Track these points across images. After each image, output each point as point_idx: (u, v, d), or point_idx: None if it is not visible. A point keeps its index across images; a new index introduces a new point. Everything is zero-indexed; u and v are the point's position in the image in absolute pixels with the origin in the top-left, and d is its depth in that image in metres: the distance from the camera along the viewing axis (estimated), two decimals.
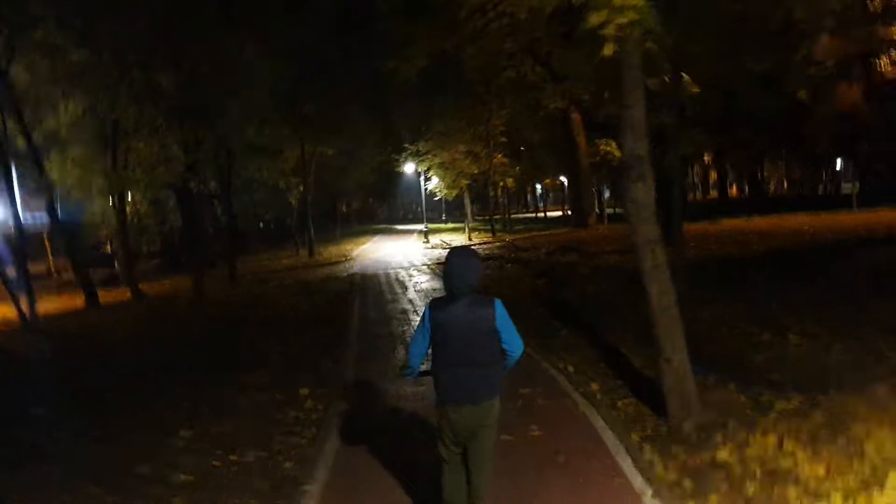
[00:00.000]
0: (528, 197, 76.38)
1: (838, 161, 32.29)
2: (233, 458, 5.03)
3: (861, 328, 6.92)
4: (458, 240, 29.27)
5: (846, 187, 37.90)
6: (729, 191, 53.20)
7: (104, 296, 19.68)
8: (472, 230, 30.12)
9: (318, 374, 7.49)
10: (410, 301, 12.49)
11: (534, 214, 55.35)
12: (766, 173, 52.17)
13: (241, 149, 19.53)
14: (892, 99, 25.85)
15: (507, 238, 26.66)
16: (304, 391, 6.79)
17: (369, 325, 10.47)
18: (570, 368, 7.17)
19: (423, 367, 3.52)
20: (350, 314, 11.42)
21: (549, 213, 48.81)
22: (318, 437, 5.48)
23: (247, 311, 12.06)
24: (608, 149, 27.60)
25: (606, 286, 12.03)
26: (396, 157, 31.56)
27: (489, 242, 26.11)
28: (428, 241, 29.90)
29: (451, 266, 3.31)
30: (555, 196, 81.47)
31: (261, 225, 57.06)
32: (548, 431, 5.21)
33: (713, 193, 54.39)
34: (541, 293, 12.58)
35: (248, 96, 16.10)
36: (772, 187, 57.93)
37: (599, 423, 5.34)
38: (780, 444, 4.41)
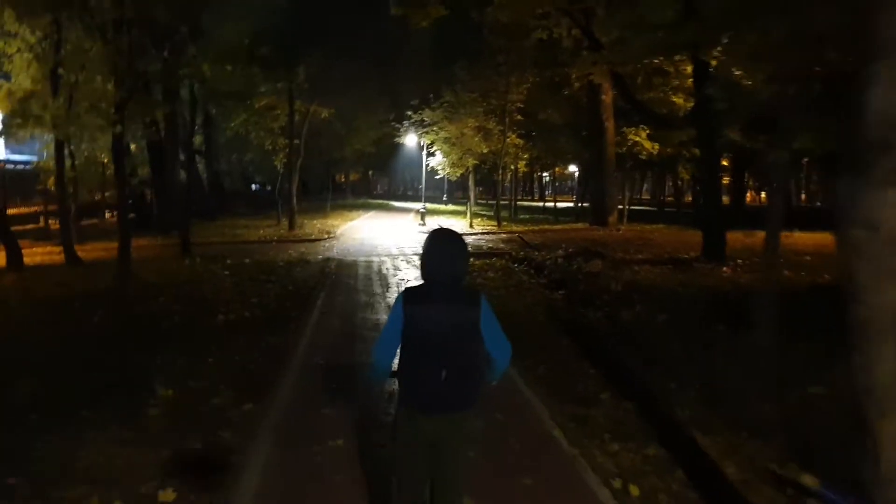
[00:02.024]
0: (535, 184, 73.36)
1: None
2: None
3: None
4: (458, 226, 26.15)
5: None
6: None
7: (43, 255, 16.75)
8: (473, 216, 26.94)
9: (201, 448, 4.51)
10: (389, 308, 9.43)
11: (541, 204, 52.15)
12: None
13: (206, 93, 16.30)
14: None
15: (515, 230, 23.57)
16: (167, 497, 3.80)
17: (323, 346, 7.44)
18: (635, 492, 4.16)
19: (394, 368, 2.81)
20: (302, 325, 8.37)
21: (559, 204, 45.62)
22: None
23: (168, 305, 8.99)
24: (637, 139, 24.50)
25: (649, 313, 9.04)
26: (398, 125, 28.35)
27: (493, 233, 22.99)
28: (424, 224, 26.77)
29: (433, 252, 2.75)
30: (561, 186, 78.62)
31: (253, 188, 53.95)
32: None
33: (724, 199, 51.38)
34: (560, 313, 9.59)
35: (216, 23, 12.90)
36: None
37: None
38: None
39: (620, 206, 24.68)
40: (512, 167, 27.01)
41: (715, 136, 14.38)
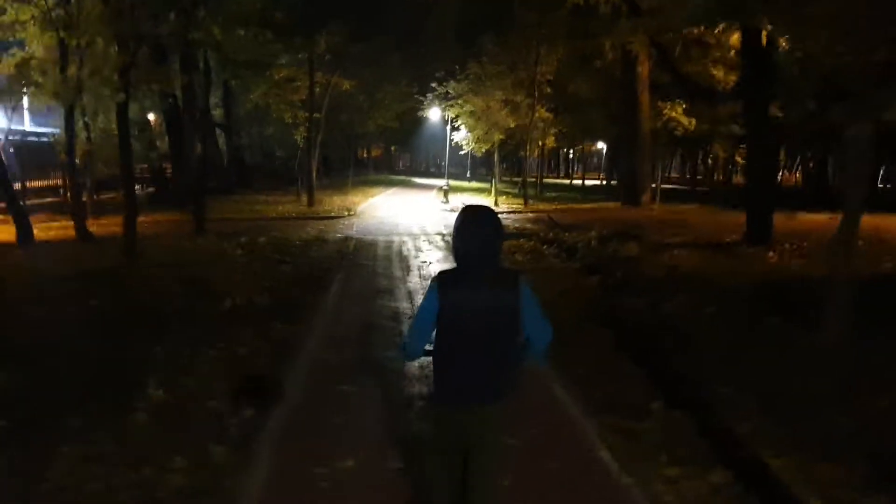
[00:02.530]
0: (560, 161, 71.96)
1: None
2: None
3: None
4: (483, 203, 25.31)
5: None
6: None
7: (58, 229, 16.31)
8: (498, 193, 26.02)
9: (188, 465, 3.83)
10: (410, 295, 8.70)
11: (567, 181, 50.95)
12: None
13: (221, 62, 15.55)
14: None
15: (543, 210, 22.65)
16: None
17: (338, 339, 6.74)
18: None
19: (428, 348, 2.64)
20: (315, 313, 7.68)
21: (586, 182, 44.44)
22: None
23: (173, 288, 8.35)
24: (673, 114, 23.30)
25: (694, 303, 8.20)
26: (422, 98, 27.41)
27: (519, 212, 22.10)
28: (447, 202, 25.94)
29: (466, 231, 2.54)
30: (587, 163, 76.96)
31: (276, 162, 53.30)
32: None
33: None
34: (596, 302, 8.80)
35: None
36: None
37: None
38: None
39: (653, 185, 23.58)
40: (540, 143, 25.95)
41: (767, 109, 13.31)
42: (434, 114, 30.28)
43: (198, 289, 8.22)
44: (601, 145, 57.93)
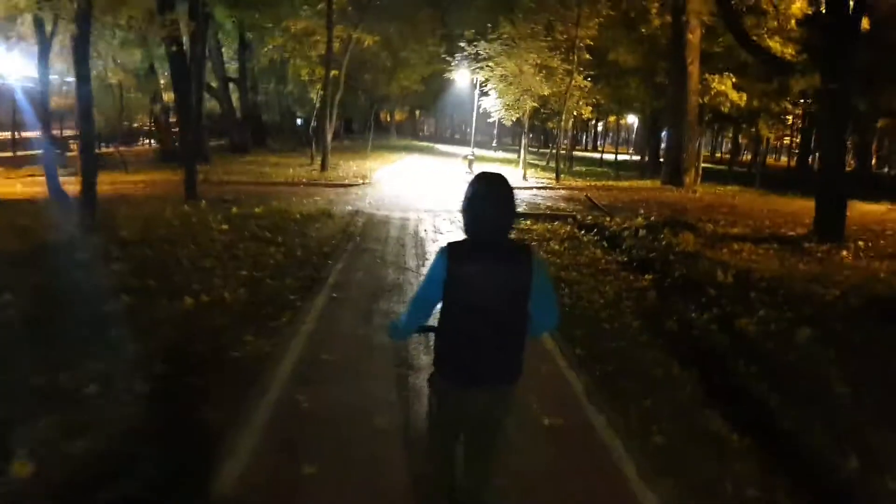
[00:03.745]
0: (586, 134, 69.38)
1: None
2: None
3: None
4: (510, 176, 23.28)
5: None
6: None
7: (35, 186, 14.83)
8: (527, 166, 23.96)
9: None
10: None
11: (597, 155, 48.52)
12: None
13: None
14: None
15: (576, 186, 20.67)
16: None
17: (322, 365, 5.02)
18: None
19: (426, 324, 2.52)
20: (299, 318, 5.97)
21: (615, 157, 42.02)
22: None
23: (124, 275, 6.65)
24: (722, 88, 21.06)
25: (781, 321, 6.46)
26: (450, 58, 25.31)
27: (550, 188, 20.11)
28: (471, 173, 24.00)
29: (478, 200, 2.39)
30: (615, 136, 74.08)
31: (298, 122, 51.47)
32: None
33: (782, 161, 46.01)
34: (647, 305, 7.06)
35: None
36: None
37: None
38: None
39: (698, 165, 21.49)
40: (574, 113, 23.80)
41: (848, 85, 11.27)
42: (462, 77, 28.12)
43: (156, 277, 6.54)
44: (631, 119, 55.25)
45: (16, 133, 22.13)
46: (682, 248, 9.71)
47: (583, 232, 11.72)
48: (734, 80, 20.55)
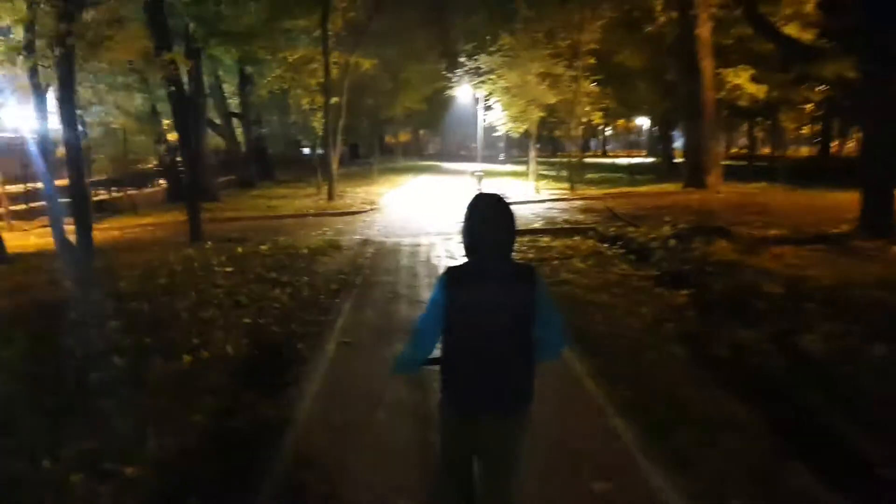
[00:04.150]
0: (594, 139, 68.67)
1: None
2: None
3: None
4: (522, 191, 22.73)
5: None
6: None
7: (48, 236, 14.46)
8: (538, 177, 23.28)
9: None
10: None
11: (608, 160, 47.81)
12: None
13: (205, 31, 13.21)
14: None
15: (593, 196, 19.97)
16: None
17: (336, 428, 4.40)
18: None
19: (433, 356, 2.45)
20: (308, 372, 5.36)
21: (626, 160, 41.21)
22: None
23: (119, 334, 6.09)
24: (738, 81, 20.36)
25: (849, 336, 5.72)
26: (450, 74, 24.83)
27: (565, 199, 19.41)
28: (481, 189, 23.44)
29: (477, 222, 2.37)
30: (622, 139, 73.31)
31: (305, 152, 51.24)
32: None
33: (802, 150, 44.75)
34: (690, 327, 6.37)
35: None
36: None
37: None
38: None
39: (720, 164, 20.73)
40: (584, 119, 23.16)
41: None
42: (464, 93, 27.67)
43: (154, 334, 5.97)
44: (640, 121, 54.47)
45: (28, 184, 21.89)
46: (717, 257, 9.00)
47: (606, 245, 11.05)
48: (751, 72, 19.82)
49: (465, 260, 2.41)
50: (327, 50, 19.91)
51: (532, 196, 20.35)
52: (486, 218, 2.35)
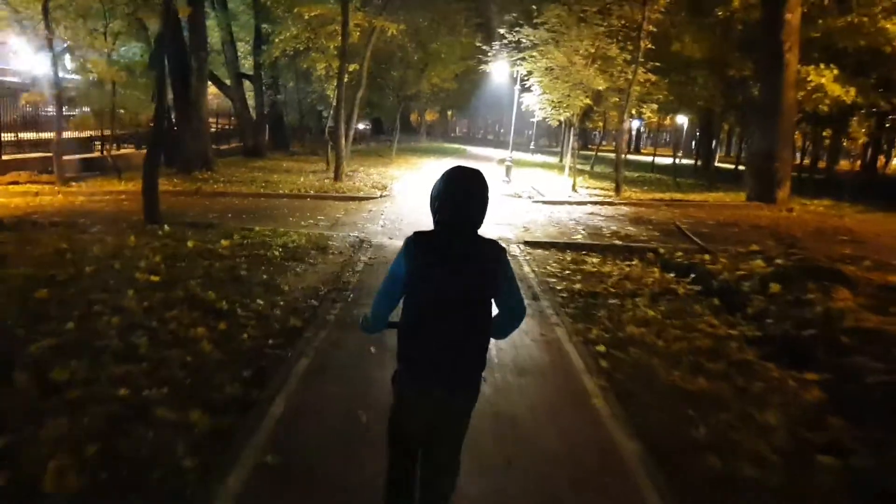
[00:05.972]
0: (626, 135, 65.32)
1: None
2: None
3: None
4: (557, 187, 19.94)
5: None
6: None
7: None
8: (575, 174, 20.41)
9: None
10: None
11: (644, 158, 44.71)
12: None
13: None
14: None
15: (640, 199, 17.15)
16: None
17: None
18: None
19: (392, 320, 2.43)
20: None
21: (658, 159, 38.12)
22: None
23: None
24: (822, 80, 17.37)
25: None
26: (487, 48, 22.04)
27: (610, 203, 16.45)
28: (509, 181, 20.66)
29: (449, 192, 2.29)
30: (654, 138, 69.62)
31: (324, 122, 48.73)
32: None
33: (843, 164, 41.17)
34: (859, 465, 3.71)
35: None
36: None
37: None
38: None
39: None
40: (633, 111, 20.22)
41: None
42: (499, 71, 24.84)
43: None
44: (682, 120, 50.94)
45: None
46: (851, 320, 6.27)
47: (673, 275, 8.37)
48: (836, 72, 16.83)
49: (432, 228, 2.30)
50: (347, 6, 17.18)
51: (570, 195, 17.57)
52: (465, 191, 2.28)
